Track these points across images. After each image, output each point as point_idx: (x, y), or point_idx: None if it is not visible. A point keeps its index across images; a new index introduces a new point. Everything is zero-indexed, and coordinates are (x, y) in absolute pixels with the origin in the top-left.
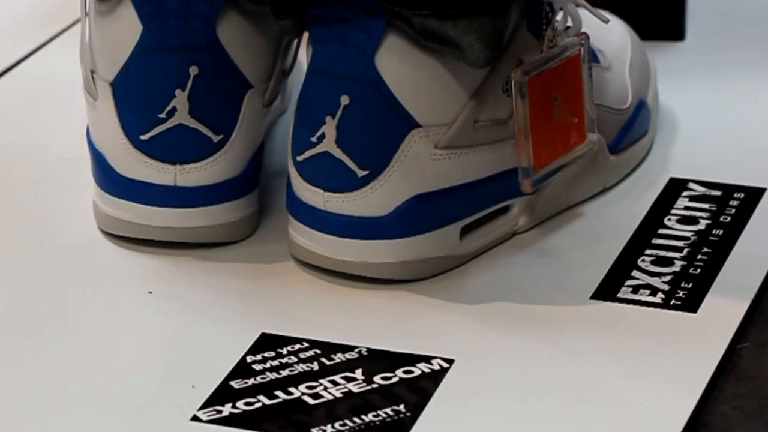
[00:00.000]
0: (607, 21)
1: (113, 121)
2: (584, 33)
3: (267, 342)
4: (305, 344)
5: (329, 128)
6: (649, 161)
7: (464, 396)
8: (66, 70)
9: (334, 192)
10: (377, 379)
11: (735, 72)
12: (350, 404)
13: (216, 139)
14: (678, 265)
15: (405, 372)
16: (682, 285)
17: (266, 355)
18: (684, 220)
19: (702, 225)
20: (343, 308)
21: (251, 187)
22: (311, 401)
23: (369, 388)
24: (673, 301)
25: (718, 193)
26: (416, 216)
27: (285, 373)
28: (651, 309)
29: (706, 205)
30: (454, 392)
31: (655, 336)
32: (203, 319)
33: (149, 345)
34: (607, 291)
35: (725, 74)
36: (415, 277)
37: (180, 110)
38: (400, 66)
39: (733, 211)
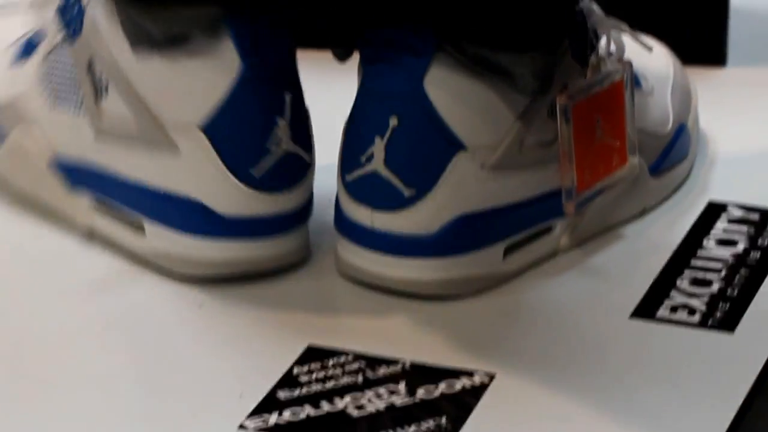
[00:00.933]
0: (650, 49)
1: (212, 163)
2: (628, 59)
3: (313, 354)
4: (350, 357)
5: (378, 149)
6: (689, 184)
7: (504, 410)
8: None
9: (381, 210)
10: (420, 392)
11: None
12: (393, 416)
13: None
14: (716, 286)
15: (447, 386)
16: (720, 305)
17: (312, 366)
18: (722, 242)
19: (740, 247)
20: (388, 323)
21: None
22: (355, 413)
23: (411, 401)
24: (710, 321)
25: (756, 216)
26: (461, 235)
27: (330, 384)
28: (689, 328)
29: (744, 228)
30: (494, 406)
31: (692, 355)
32: (252, 332)
33: (199, 355)
34: (646, 310)
35: (765, 99)
36: (458, 294)
37: (284, 139)
38: (448, 88)
39: None
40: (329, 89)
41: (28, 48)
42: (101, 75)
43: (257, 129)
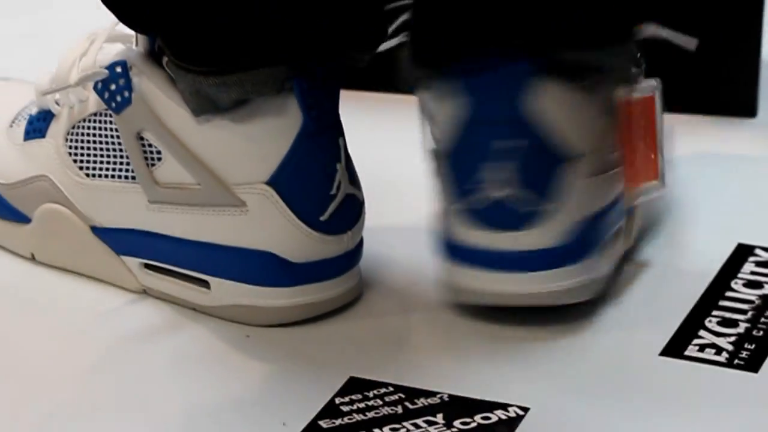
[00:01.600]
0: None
1: (282, 214)
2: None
3: (355, 385)
4: (390, 388)
5: (489, 173)
6: (719, 227)
7: None
8: None
9: (503, 231)
10: (457, 423)
11: None
12: None
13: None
14: (742, 327)
15: (483, 418)
16: (746, 346)
17: (353, 397)
18: (749, 284)
19: (766, 290)
20: (427, 356)
21: None
22: None
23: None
24: (736, 361)
25: None
26: (578, 243)
27: (370, 415)
28: (715, 367)
29: None
30: None
31: (718, 393)
32: (295, 363)
33: (244, 384)
34: (675, 349)
35: None
36: (583, 299)
37: (343, 182)
38: (551, 102)
39: None
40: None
41: (37, 127)
42: (153, 144)
43: (322, 177)
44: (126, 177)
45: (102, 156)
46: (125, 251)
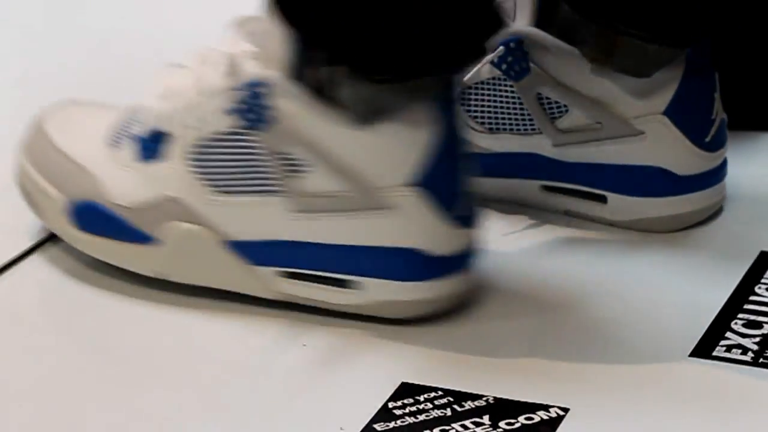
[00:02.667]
0: None
1: (431, 212)
2: None
3: (406, 390)
4: (440, 392)
5: None
6: (743, 236)
7: None
8: None
9: None
10: (502, 424)
11: None
12: None
13: None
14: (766, 328)
15: (526, 419)
16: None
17: (405, 401)
18: None
19: None
20: (475, 361)
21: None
22: None
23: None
24: (761, 360)
25: None
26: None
27: (422, 417)
28: (742, 366)
29: None
30: None
31: (745, 390)
32: (352, 368)
33: (302, 390)
34: (704, 349)
35: None
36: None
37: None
38: None
39: None
40: None
41: (152, 148)
42: (295, 157)
43: (458, 168)
44: (263, 191)
45: (234, 173)
46: (261, 261)
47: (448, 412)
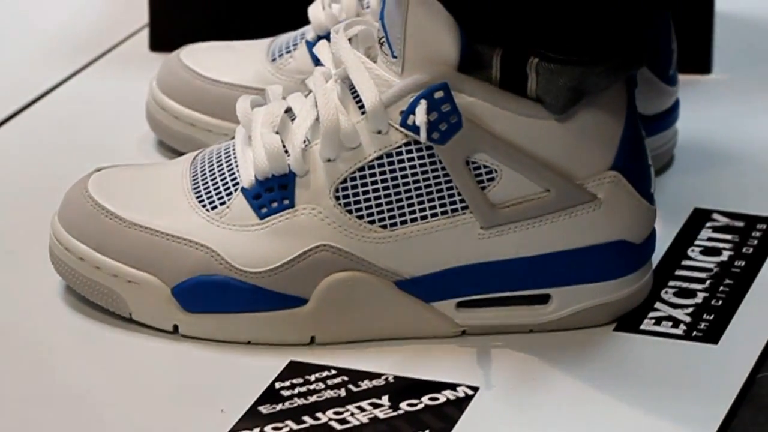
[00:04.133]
0: None
1: (632, 198)
2: None
3: (295, 369)
4: (333, 371)
5: None
6: (675, 191)
7: (487, 423)
8: (102, 95)
9: None
10: (403, 405)
11: (759, 105)
12: (376, 429)
13: None
14: (700, 297)
15: (430, 399)
16: (704, 317)
17: (294, 381)
18: (707, 251)
19: (724, 256)
20: (371, 339)
21: None
22: (338, 426)
23: (395, 414)
24: (694, 333)
25: (741, 224)
26: None
27: (313, 399)
28: (673, 340)
29: (728, 237)
30: (477, 419)
31: (676, 367)
32: (234, 348)
33: (181, 371)
34: (630, 323)
35: (750, 107)
36: None
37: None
38: None
39: (756, 242)
40: None
41: (274, 198)
42: (485, 164)
43: (646, 151)
44: (442, 213)
45: (402, 200)
46: (438, 296)
47: (343, 392)
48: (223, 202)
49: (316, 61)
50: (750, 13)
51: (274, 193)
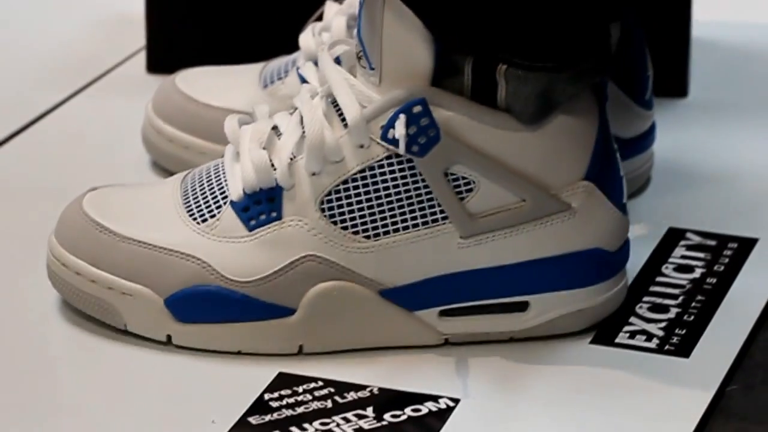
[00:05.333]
0: None
1: (604, 206)
2: None
3: (284, 381)
4: (320, 383)
5: None
6: (651, 211)
7: None
8: (99, 116)
9: None
10: (387, 416)
11: (734, 128)
12: None
13: None
14: (673, 312)
15: (413, 410)
16: (677, 331)
17: (283, 393)
18: (680, 268)
19: (697, 273)
20: (356, 350)
21: None
22: None
23: (379, 425)
24: (667, 347)
25: (713, 242)
26: None
27: (300, 410)
28: (646, 354)
29: (701, 255)
30: (458, 430)
31: (649, 379)
32: (225, 359)
33: (173, 382)
34: (605, 336)
35: (724, 130)
36: None
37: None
38: None
39: (727, 260)
40: None
41: (262, 210)
42: (462, 176)
43: (617, 160)
44: (423, 223)
45: (384, 211)
46: (420, 305)
47: (329, 404)
48: (213, 215)
49: (304, 83)
50: (726, 38)
51: (262, 205)
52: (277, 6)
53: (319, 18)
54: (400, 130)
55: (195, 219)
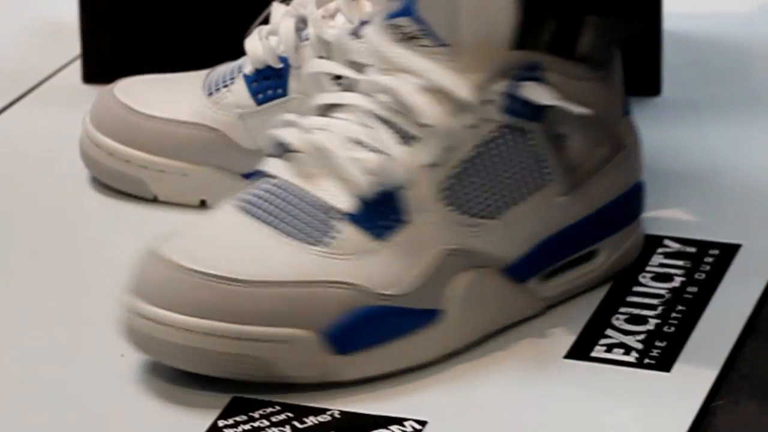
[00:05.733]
0: None
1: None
2: None
3: (239, 405)
4: (277, 407)
5: None
6: None
7: None
8: (34, 130)
9: None
10: None
11: (710, 127)
12: None
13: None
14: (652, 324)
15: None
16: (656, 344)
17: (238, 419)
18: (659, 277)
19: (677, 282)
20: None
21: None
22: None
23: None
24: (646, 360)
25: (693, 249)
26: None
27: None
28: (625, 368)
29: (680, 262)
30: None
31: (628, 395)
32: (175, 383)
33: (120, 408)
34: (580, 351)
35: (700, 130)
36: None
37: None
38: None
39: (708, 267)
40: None
41: (387, 215)
42: (558, 132)
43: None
44: (534, 188)
45: (502, 187)
46: (530, 273)
47: (288, 429)
48: (327, 233)
49: (255, 94)
50: (699, 33)
51: (382, 211)
52: (218, 10)
53: (265, 21)
54: (537, 96)
55: (306, 242)
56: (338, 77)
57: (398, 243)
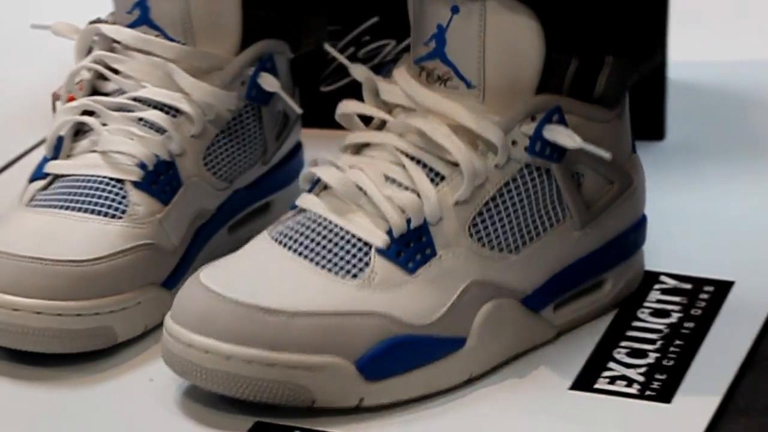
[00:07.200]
0: None
1: None
2: None
3: (261, 430)
4: None
5: None
6: None
7: None
8: None
9: None
10: None
11: (710, 170)
12: None
13: None
14: (652, 357)
15: None
16: (657, 376)
17: None
18: (657, 313)
19: (674, 318)
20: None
21: None
22: None
23: None
24: (648, 392)
25: (688, 286)
26: None
27: None
28: (627, 399)
29: (677, 299)
30: None
31: (630, 426)
32: (198, 407)
33: (147, 429)
34: (584, 382)
35: (701, 173)
36: None
37: None
38: None
39: (703, 304)
40: None
41: (416, 250)
42: (575, 171)
43: None
44: (551, 225)
45: (524, 223)
46: (544, 303)
47: None
48: (361, 269)
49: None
50: (702, 81)
51: (413, 246)
52: None
53: None
54: (562, 139)
55: (341, 275)
56: (369, 118)
57: (428, 276)
